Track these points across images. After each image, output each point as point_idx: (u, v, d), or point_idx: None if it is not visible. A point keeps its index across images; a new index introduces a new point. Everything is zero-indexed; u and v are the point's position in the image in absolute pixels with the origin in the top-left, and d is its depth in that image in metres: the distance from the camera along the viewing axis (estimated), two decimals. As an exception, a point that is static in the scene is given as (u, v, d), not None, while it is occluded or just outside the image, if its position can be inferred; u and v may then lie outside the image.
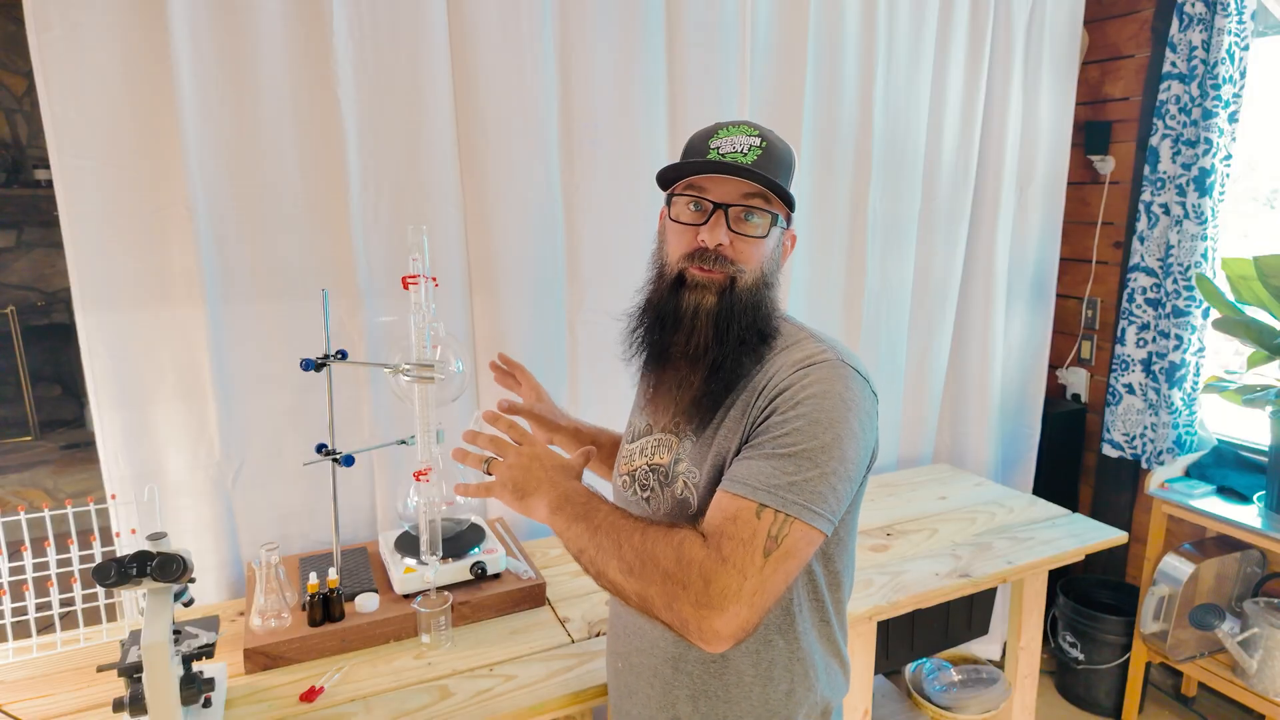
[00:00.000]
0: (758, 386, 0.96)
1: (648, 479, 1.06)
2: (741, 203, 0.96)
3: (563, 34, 1.82)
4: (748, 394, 0.97)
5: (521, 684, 1.36)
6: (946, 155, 2.37)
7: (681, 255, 0.99)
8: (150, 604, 1.14)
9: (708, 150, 0.98)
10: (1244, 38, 2.17)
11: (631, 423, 1.17)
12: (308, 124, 1.63)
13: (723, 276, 0.97)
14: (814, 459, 0.87)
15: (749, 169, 0.94)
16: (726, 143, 0.97)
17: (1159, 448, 2.42)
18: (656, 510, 1.05)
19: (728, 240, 0.96)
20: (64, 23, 1.42)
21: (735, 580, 0.83)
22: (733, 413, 0.97)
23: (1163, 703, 2.61)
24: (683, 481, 1.00)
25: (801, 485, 0.87)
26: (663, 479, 1.04)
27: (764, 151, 0.96)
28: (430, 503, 1.54)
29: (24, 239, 4.30)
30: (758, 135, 0.98)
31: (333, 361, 1.50)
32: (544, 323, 1.90)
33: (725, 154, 0.96)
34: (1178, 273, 2.32)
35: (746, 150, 0.96)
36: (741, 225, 0.97)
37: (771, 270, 1.01)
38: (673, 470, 1.02)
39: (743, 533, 0.85)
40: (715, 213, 0.96)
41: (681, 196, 0.99)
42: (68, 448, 4.26)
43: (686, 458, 1.01)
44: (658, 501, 1.04)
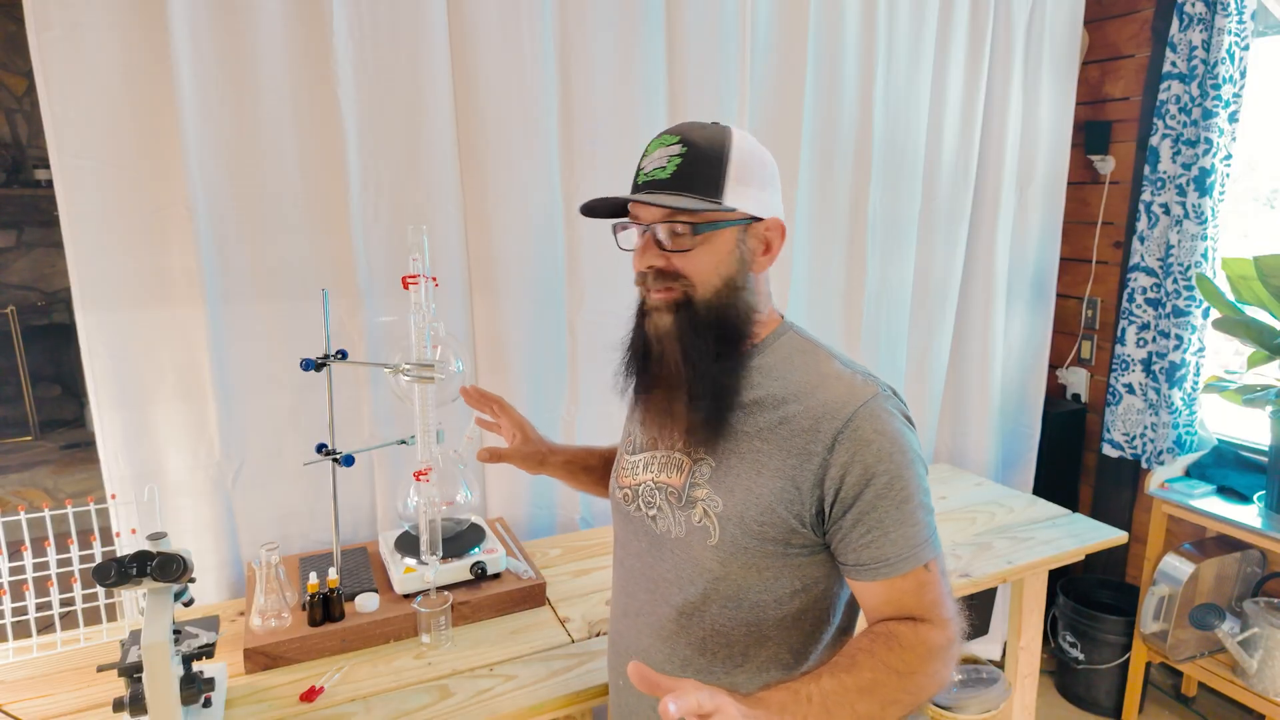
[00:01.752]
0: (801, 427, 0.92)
1: (653, 497, 1.03)
2: (664, 220, 0.93)
3: (563, 34, 1.82)
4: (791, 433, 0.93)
5: (521, 684, 1.36)
6: (946, 155, 2.37)
7: (636, 282, 0.99)
8: (150, 604, 1.14)
9: (638, 173, 0.96)
10: (1244, 38, 2.17)
11: (630, 433, 1.13)
12: (308, 124, 1.63)
13: (676, 293, 0.94)
14: (919, 501, 0.93)
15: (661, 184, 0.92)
16: (649, 161, 0.95)
17: (1159, 447, 2.42)
18: (666, 531, 1.01)
19: (662, 262, 0.94)
20: (64, 23, 1.42)
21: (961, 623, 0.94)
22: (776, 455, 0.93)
23: (1163, 703, 2.61)
24: (702, 509, 0.97)
25: (925, 527, 0.93)
26: (674, 500, 1.00)
27: (684, 158, 0.92)
28: (430, 503, 1.54)
29: (24, 239, 4.31)
30: (677, 142, 0.93)
31: (333, 361, 1.50)
32: (544, 323, 1.90)
33: (648, 172, 0.94)
34: (1178, 272, 2.32)
35: (665, 163, 0.93)
36: (674, 241, 0.93)
37: (735, 273, 0.95)
38: (687, 494, 0.99)
39: (935, 593, 0.92)
40: (644, 235, 0.95)
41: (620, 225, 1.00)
42: (68, 448, 4.26)
43: (706, 484, 0.97)
44: (668, 523, 1.01)
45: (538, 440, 1.28)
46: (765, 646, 1.00)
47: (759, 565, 0.96)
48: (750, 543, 0.94)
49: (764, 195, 0.97)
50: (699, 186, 0.92)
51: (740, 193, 0.94)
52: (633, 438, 1.11)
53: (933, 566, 0.92)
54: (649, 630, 1.05)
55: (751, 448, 0.95)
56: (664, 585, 1.02)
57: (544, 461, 1.27)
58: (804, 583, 0.98)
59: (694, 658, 1.01)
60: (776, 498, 0.93)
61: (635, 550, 1.07)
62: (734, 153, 0.94)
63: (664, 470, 1.02)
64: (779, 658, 1.01)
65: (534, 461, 1.26)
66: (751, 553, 0.95)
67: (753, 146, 0.97)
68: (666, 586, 1.02)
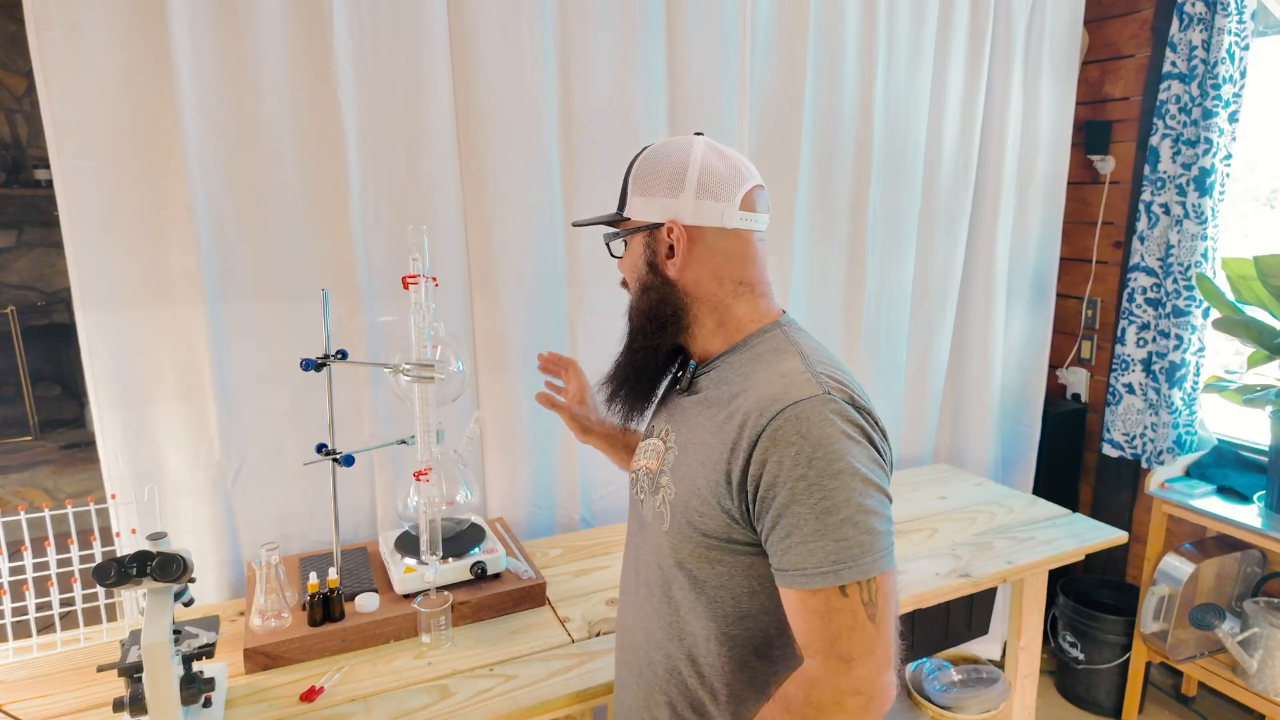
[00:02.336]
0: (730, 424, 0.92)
1: (643, 482, 1.09)
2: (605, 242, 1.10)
3: (563, 34, 1.82)
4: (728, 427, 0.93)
5: (521, 684, 1.36)
6: (946, 155, 2.37)
7: None
8: (150, 604, 1.14)
9: None
10: (1244, 37, 2.17)
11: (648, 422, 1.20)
12: (308, 124, 1.63)
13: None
14: (846, 515, 0.84)
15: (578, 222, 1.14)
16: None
17: (1159, 447, 2.42)
18: (646, 515, 1.07)
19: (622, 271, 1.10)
20: (64, 23, 1.42)
21: (869, 665, 0.83)
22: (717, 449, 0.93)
23: (1163, 703, 2.61)
24: (662, 495, 1.02)
25: (854, 545, 0.83)
26: (649, 485, 1.06)
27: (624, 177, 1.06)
28: (430, 502, 1.54)
29: (24, 239, 4.31)
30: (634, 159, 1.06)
31: (333, 361, 1.50)
32: (544, 323, 1.90)
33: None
34: (1178, 272, 2.32)
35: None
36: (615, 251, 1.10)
37: (645, 275, 1.04)
38: (657, 480, 1.04)
39: (844, 621, 0.83)
40: None
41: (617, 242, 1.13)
42: (68, 448, 4.26)
43: (669, 471, 1.02)
44: (648, 506, 1.06)
45: (593, 408, 1.35)
46: (727, 645, 0.98)
47: (708, 558, 0.96)
48: (693, 533, 0.96)
49: (669, 201, 0.99)
50: (616, 203, 1.07)
51: (637, 203, 1.03)
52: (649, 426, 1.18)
53: (851, 592, 0.83)
54: (632, 606, 1.11)
55: (703, 439, 0.97)
56: (642, 566, 1.08)
57: (589, 430, 1.33)
58: (760, 583, 0.95)
59: (663, 641, 1.03)
60: (711, 491, 0.93)
61: (631, 530, 1.16)
62: (637, 166, 1.04)
63: (649, 457, 1.09)
64: (745, 661, 0.98)
65: (580, 426, 1.33)
66: (696, 543, 0.96)
67: (665, 154, 1.01)
68: (644, 567, 1.08)
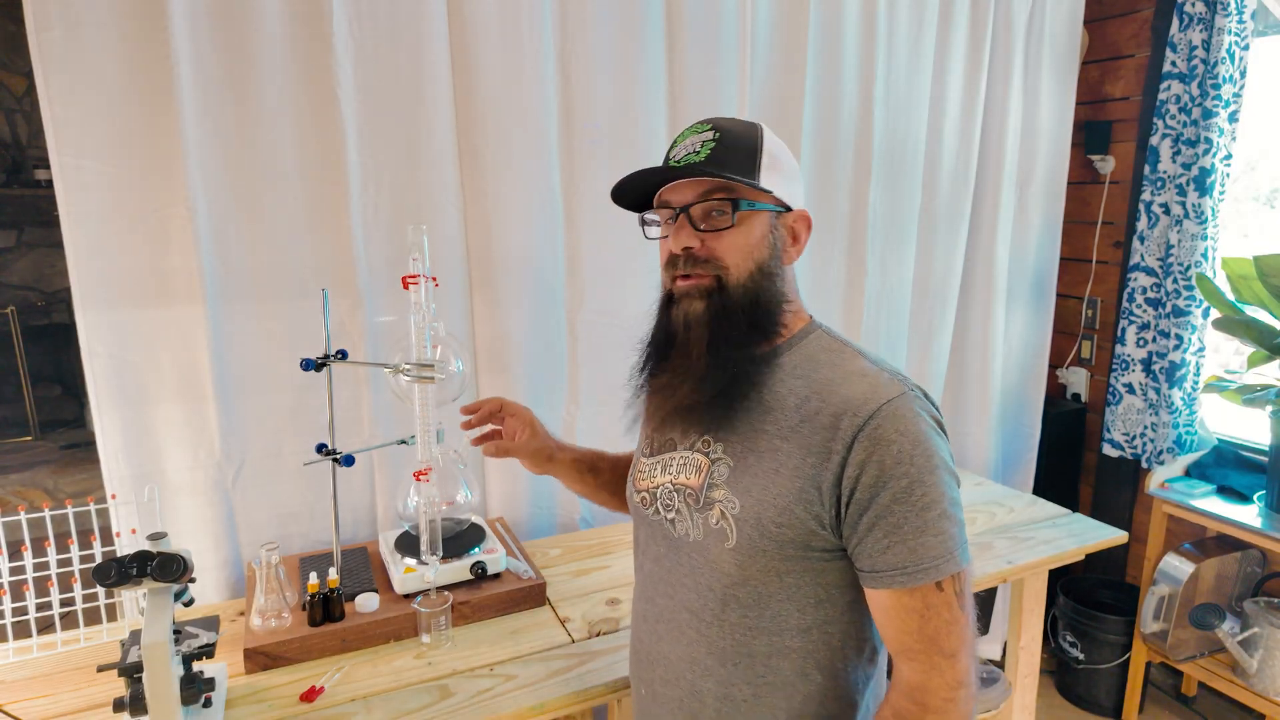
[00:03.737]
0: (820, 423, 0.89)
1: (671, 499, 1.00)
2: (702, 200, 0.92)
3: (563, 34, 1.82)
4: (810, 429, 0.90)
5: (522, 684, 1.36)
6: (946, 155, 2.37)
7: (664, 269, 0.97)
8: (150, 604, 1.14)
9: (667, 161, 0.95)
10: (1244, 37, 2.17)
11: (647, 436, 1.10)
12: (308, 124, 1.63)
13: (708, 279, 0.92)
14: (942, 510, 0.86)
15: (696, 165, 0.91)
16: (680, 148, 0.94)
17: (1159, 447, 2.42)
18: (685, 535, 0.98)
19: (697, 242, 0.92)
20: (64, 23, 1.42)
21: (966, 657, 0.87)
22: (794, 452, 0.90)
23: (1163, 702, 2.61)
24: (719, 511, 0.93)
25: (949, 538, 0.86)
26: (692, 503, 0.97)
27: (718, 142, 0.92)
28: (430, 502, 1.54)
29: (24, 239, 4.31)
30: (710, 128, 0.93)
31: (333, 361, 1.50)
32: (544, 323, 1.90)
33: (679, 159, 0.93)
34: (1178, 272, 2.32)
35: (699, 148, 0.92)
36: (709, 222, 0.92)
37: (768, 259, 0.94)
38: (705, 496, 0.95)
39: (943, 616, 0.86)
40: (678, 217, 0.93)
41: (650, 213, 0.99)
42: (68, 448, 4.26)
43: (723, 485, 0.94)
44: (685, 526, 0.98)
45: (545, 437, 1.26)
46: (788, 659, 0.95)
47: (779, 569, 0.92)
48: (768, 545, 0.91)
49: (792, 188, 0.97)
50: (734, 168, 0.91)
51: (773, 180, 0.93)
52: (650, 441, 1.08)
53: (947, 586, 0.86)
54: (669, 635, 1.02)
55: (771, 446, 0.91)
56: (682, 590, 0.99)
57: (551, 458, 1.25)
58: (826, 591, 0.93)
59: (715, 667, 0.97)
60: (795, 498, 0.89)
61: (655, 554, 1.04)
62: (766, 142, 0.95)
63: (682, 471, 0.99)
64: (807, 674, 0.95)
65: (541, 458, 1.25)
66: (770, 555, 0.91)
67: (781, 142, 0.99)
68: (685, 591, 0.99)
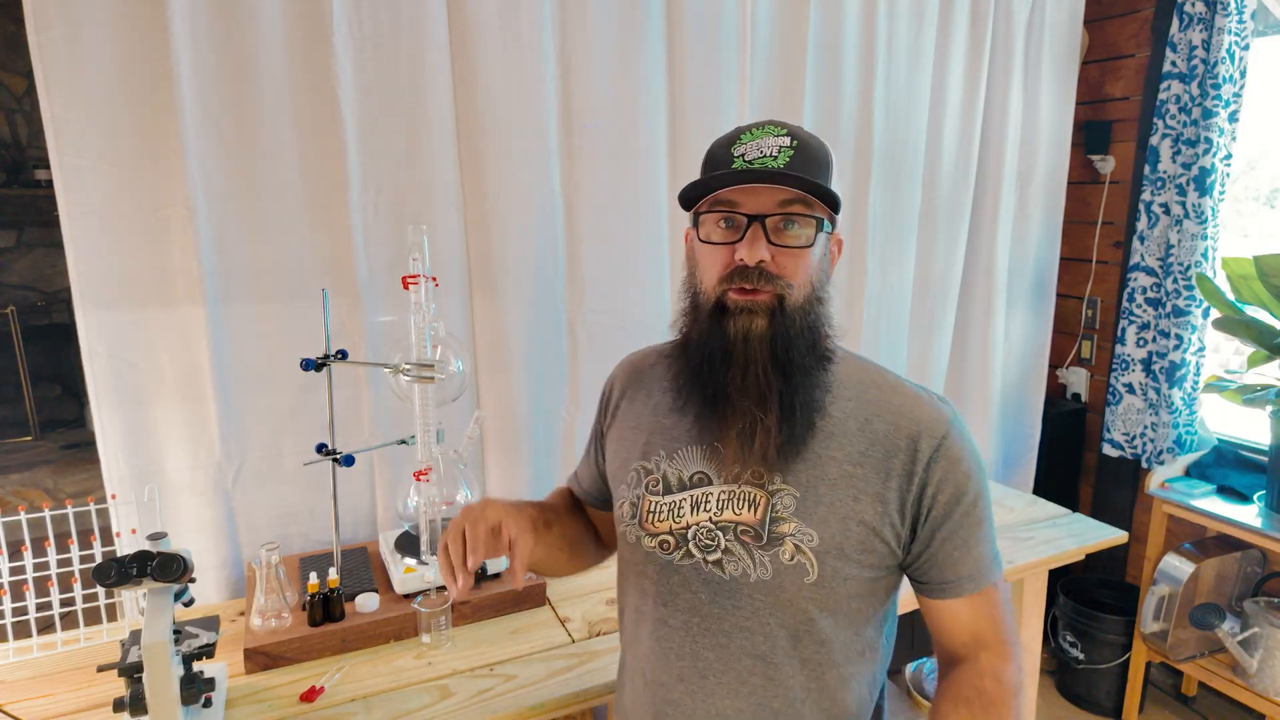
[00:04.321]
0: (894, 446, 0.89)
1: (714, 539, 0.90)
2: (779, 211, 0.86)
3: (563, 34, 1.82)
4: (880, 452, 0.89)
5: (522, 684, 1.36)
6: (946, 155, 2.37)
7: (719, 278, 0.87)
8: (150, 604, 1.14)
9: (732, 159, 0.88)
10: (1244, 37, 2.17)
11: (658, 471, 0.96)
12: (308, 124, 1.62)
13: (769, 296, 0.86)
14: (990, 520, 0.95)
15: (783, 173, 0.84)
16: (752, 147, 0.87)
17: (1159, 447, 2.42)
18: (743, 575, 0.90)
19: (769, 255, 0.85)
20: (64, 23, 1.42)
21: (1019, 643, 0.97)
22: (869, 477, 0.89)
23: (1163, 702, 2.61)
24: (792, 545, 0.88)
25: (995, 544, 0.96)
26: (751, 540, 0.89)
27: (796, 151, 0.86)
28: (430, 502, 1.54)
29: (24, 239, 4.31)
30: (786, 134, 0.87)
31: (333, 361, 1.50)
32: (544, 323, 1.90)
33: (752, 160, 0.86)
34: (1178, 272, 2.32)
35: (776, 152, 0.86)
36: (782, 236, 0.87)
37: (822, 283, 0.91)
38: (770, 531, 0.88)
39: (1000, 613, 0.95)
40: (751, 226, 0.85)
41: (710, 214, 0.89)
42: (68, 448, 4.26)
43: (793, 518, 0.88)
44: (743, 565, 0.90)
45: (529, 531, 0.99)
46: (850, 686, 0.94)
47: (858, 593, 0.91)
48: (853, 572, 0.89)
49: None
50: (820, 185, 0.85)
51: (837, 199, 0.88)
52: (660, 475, 0.96)
53: (1000, 585, 0.94)
54: (726, 690, 0.92)
55: (843, 473, 0.89)
56: (742, 635, 0.91)
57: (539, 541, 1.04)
58: (882, 610, 0.95)
59: (784, 709, 0.92)
60: (879, 522, 0.88)
61: (688, 604, 0.93)
62: (828, 155, 0.91)
63: (727, 508, 0.90)
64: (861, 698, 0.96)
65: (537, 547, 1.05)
66: (854, 582, 0.89)
67: None
68: (747, 636, 0.91)
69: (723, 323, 0.87)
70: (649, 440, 0.99)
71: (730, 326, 0.87)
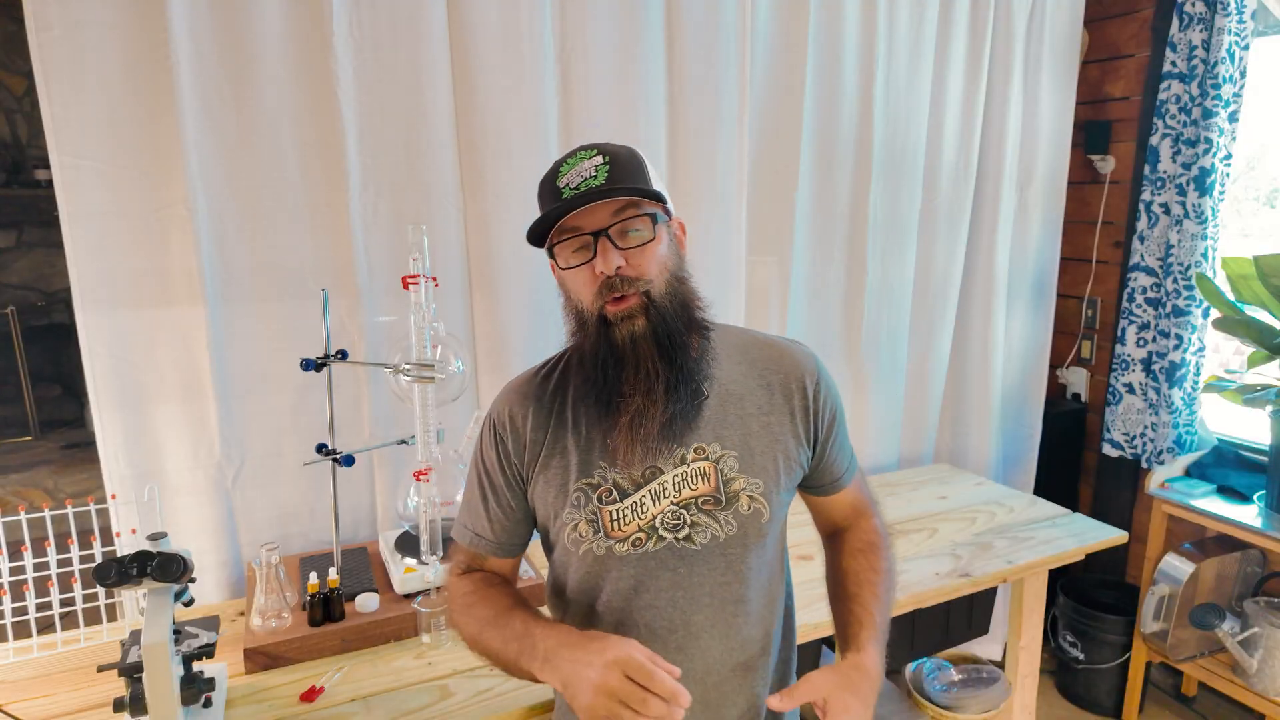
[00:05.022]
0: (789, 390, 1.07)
1: (679, 518, 1.00)
2: (616, 220, 0.95)
3: (563, 34, 1.82)
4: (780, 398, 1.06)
5: (521, 684, 1.35)
6: (947, 155, 2.37)
7: (593, 295, 0.97)
8: (150, 604, 1.14)
9: (559, 193, 0.96)
10: (1244, 37, 2.17)
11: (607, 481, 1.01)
12: (308, 124, 1.63)
13: (637, 298, 0.96)
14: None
15: (605, 188, 0.94)
16: (573, 175, 0.96)
17: (1159, 447, 2.42)
18: (713, 539, 1.00)
19: (623, 260, 0.95)
20: (64, 23, 1.42)
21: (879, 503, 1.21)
22: (777, 420, 1.05)
23: (1163, 702, 2.61)
24: (746, 497, 1.01)
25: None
26: (713, 506, 1.01)
27: (611, 165, 0.96)
28: (430, 502, 1.54)
29: (24, 239, 4.30)
30: (598, 153, 0.97)
31: (333, 361, 1.50)
32: (544, 323, 1.90)
33: (577, 185, 0.95)
34: (1178, 272, 2.32)
35: (594, 172, 0.95)
36: (626, 240, 0.96)
37: (678, 265, 1.01)
38: (726, 492, 1.01)
39: (864, 486, 1.20)
40: (599, 240, 0.95)
41: (562, 243, 0.98)
42: (68, 448, 4.26)
43: (739, 474, 1.01)
44: (711, 530, 1.00)
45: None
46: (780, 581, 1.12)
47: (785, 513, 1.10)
48: (787, 499, 1.08)
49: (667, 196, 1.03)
50: (634, 184, 0.96)
51: (660, 189, 0.99)
52: (611, 484, 1.01)
53: (859, 467, 1.19)
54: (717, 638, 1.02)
55: (763, 424, 1.04)
56: (722, 589, 1.02)
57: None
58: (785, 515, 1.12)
59: (747, 627, 1.05)
60: (796, 451, 1.06)
61: (669, 583, 1.01)
62: (638, 157, 1.00)
63: (684, 487, 1.01)
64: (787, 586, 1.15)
65: None
66: (786, 506, 1.09)
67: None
68: (727, 587, 1.02)
69: (609, 334, 0.97)
70: (583, 459, 1.02)
71: (616, 335, 0.96)
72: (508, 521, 1.08)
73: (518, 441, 1.05)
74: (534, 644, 0.93)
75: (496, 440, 1.06)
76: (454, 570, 1.12)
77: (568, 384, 1.05)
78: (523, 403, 1.06)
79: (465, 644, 1.04)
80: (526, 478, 1.05)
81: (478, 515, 1.09)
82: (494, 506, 1.07)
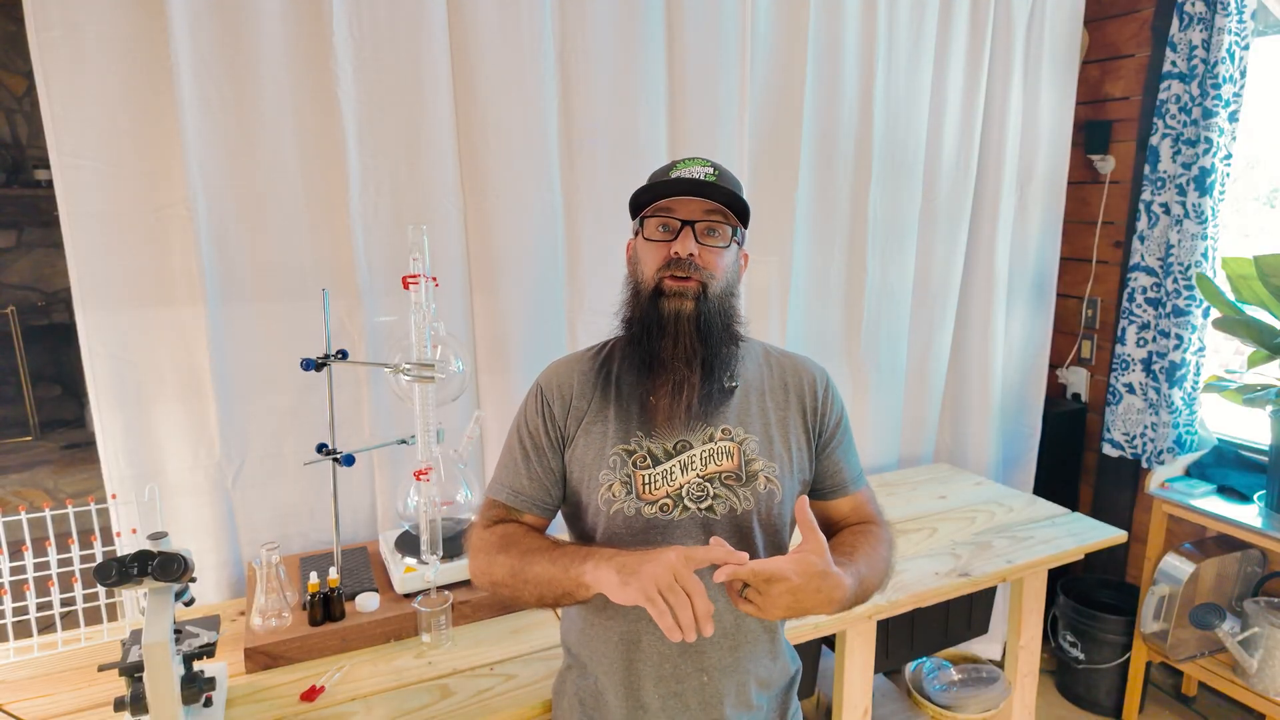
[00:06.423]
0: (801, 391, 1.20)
1: (704, 490, 1.11)
2: (705, 218, 1.09)
3: (563, 34, 1.82)
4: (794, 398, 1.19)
5: (522, 683, 1.36)
6: (947, 155, 2.37)
7: (657, 268, 1.09)
8: (151, 603, 1.14)
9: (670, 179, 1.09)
10: (1244, 37, 2.17)
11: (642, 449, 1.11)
12: (308, 124, 1.63)
13: (696, 284, 1.08)
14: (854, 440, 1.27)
15: (715, 186, 1.07)
16: (686, 172, 1.09)
17: (1159, 447, 2.42)
18: (730, 510, 1.11)
19: (697, 250, 1.08)
20: (64, 23, 1.42)
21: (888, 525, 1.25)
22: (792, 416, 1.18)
23: (1163, 702, 2.61)
24: (764, 477, 1.13)
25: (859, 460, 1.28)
26: (734, 481, 1.12)
27: (718, 177, 1.09)
28: (430, 502, 1.54)
29: (24, 239, 4.31)
30: (710, 166, 1.11)
31: (333, 361, 1.50)
32: (544, 322, 1.90)
33: (697, 176, 1.08)
34: (1178, 272, 2.32)
35: (704, 177, 1.08)
36: (707, 238, 1.09)
37: (734, 281, 1.14)
38: (747, 470, 1.13)
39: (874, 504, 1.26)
40: (684, 228, 1.08)
41: (653, 218, 1.10)
42: (68, 448, 4.26)
43: (759, 456, 1.14)
44: (730, 502, 1.11)
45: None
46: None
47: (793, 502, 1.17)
48: (798, 487, 1.18)
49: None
50: (733, 202, 1.09)
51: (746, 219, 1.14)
52: (645, 451, 1.11)
53: (869, 489, 1.27)
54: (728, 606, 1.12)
55: (780, 417, 1.18)
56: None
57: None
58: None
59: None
60: (805, 444, 1.19)
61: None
62: (741, 188, 1.14)
63: (711, 461, 1.12)
64: None
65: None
66: (795, 498, 1.16)
67: None
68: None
69: (659, 303, 1.09)
70: (621, 426, 1.13)
71: (665, 306, 1.08)
72: (546, 481, 1.16)
73: (564, 406, 1.15)
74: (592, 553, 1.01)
75: (543, 404, 1.16)
76: (483, 523, 1.17)
77: (613, 361, 1.17)
78: (570, 373, 1.17)
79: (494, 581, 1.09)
80: (568, 439, 1.15)
81: (518, 474, 1.17)
82: (535, 466, 1.16)
